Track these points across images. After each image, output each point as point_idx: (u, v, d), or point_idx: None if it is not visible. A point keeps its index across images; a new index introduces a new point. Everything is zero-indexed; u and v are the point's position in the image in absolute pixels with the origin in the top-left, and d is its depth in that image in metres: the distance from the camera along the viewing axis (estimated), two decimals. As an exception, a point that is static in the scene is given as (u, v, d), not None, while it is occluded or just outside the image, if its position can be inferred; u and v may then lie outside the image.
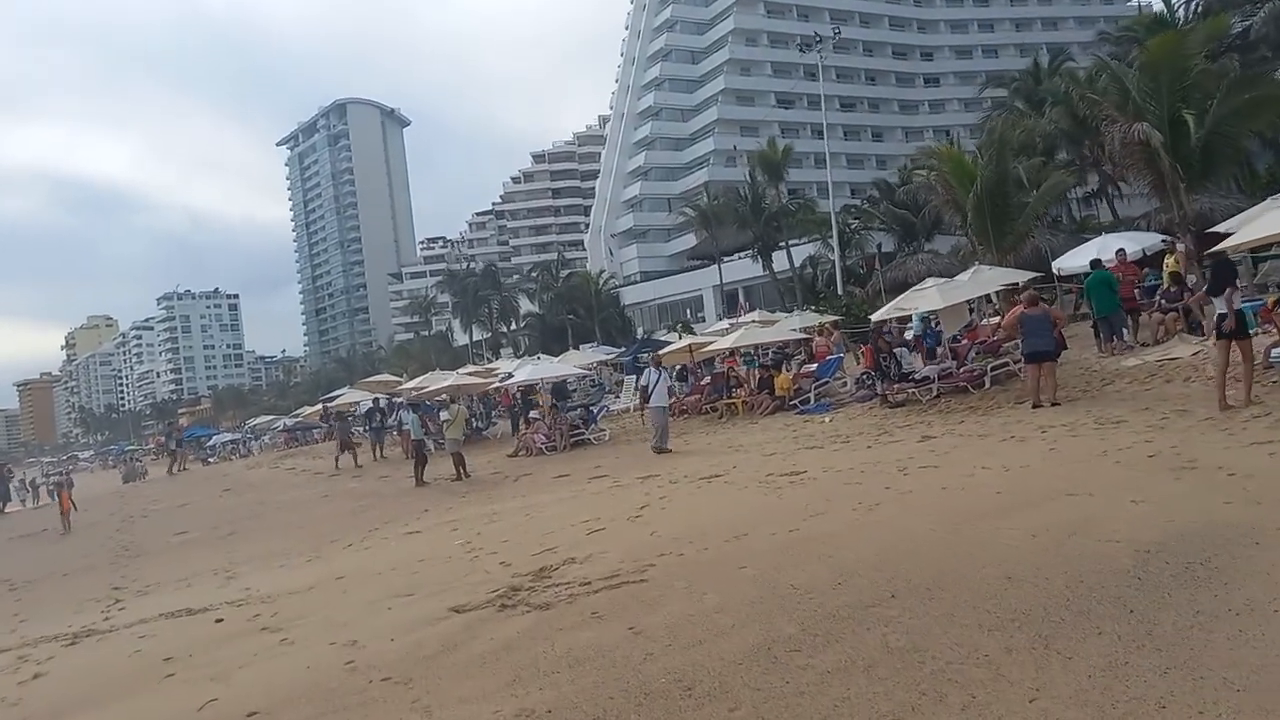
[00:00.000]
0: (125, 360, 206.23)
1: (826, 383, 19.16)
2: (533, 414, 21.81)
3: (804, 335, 23.07)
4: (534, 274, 68.56)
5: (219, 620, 8.22)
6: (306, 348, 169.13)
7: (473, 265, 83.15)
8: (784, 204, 45.22)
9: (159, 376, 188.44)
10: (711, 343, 23.15)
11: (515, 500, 13.26)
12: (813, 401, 18.14)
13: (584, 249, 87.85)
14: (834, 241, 38.33)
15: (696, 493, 11.02)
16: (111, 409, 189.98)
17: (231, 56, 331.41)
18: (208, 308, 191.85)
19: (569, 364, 27.36)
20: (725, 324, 30.44)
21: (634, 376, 24.90)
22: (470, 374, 27.70)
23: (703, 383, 22.28)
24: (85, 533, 19.12)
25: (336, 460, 23.54)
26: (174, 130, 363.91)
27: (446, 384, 23.98)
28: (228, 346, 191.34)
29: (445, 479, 17.78)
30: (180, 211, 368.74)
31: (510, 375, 24.05)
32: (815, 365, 20.22)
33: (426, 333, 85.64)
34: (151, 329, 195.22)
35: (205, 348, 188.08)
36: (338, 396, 34.68)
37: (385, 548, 11.17)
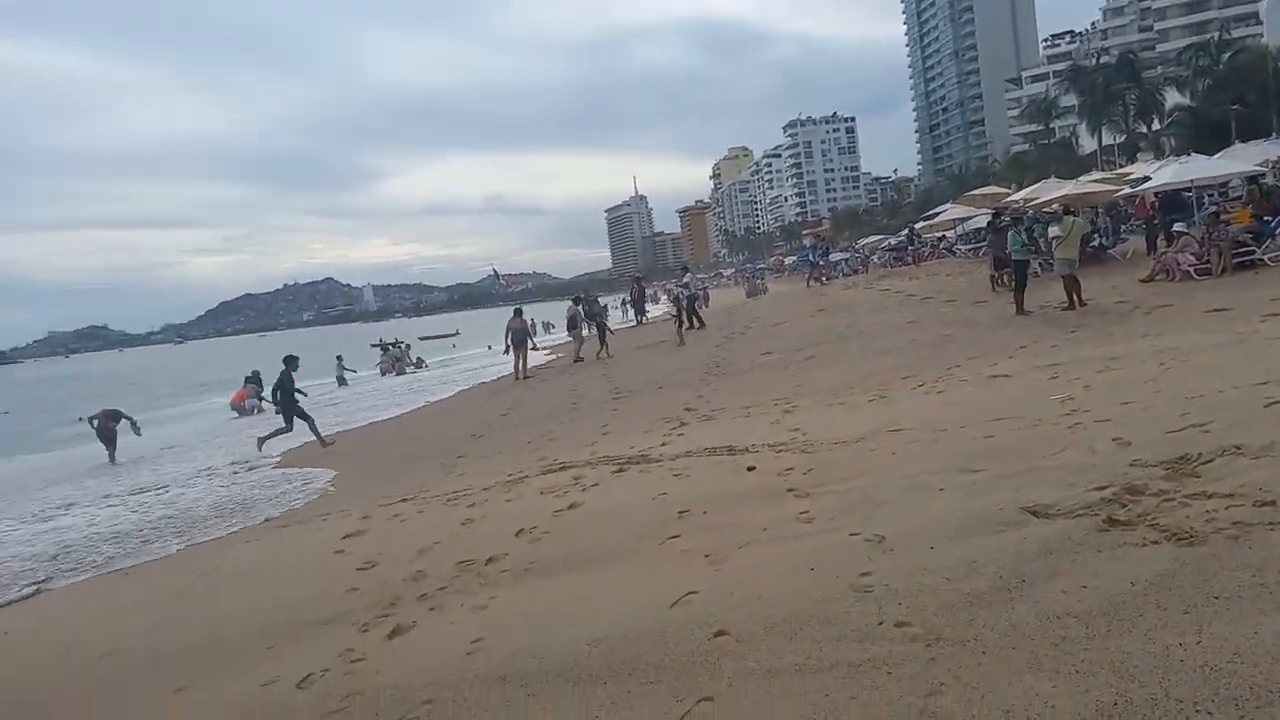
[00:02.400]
0: (759, 186, 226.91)
1: None
2: (1177, 227, 16.93)
3: None
4: (1186, 58, 55.66)
5: (750, 468, 7.11)
6: (919, 165, 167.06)
7: (1104, 59, 70.87)
8: None
9: (786, 200, 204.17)
10: None
11: (1144, 341, 9.95)
12: None
13: (1258, 21, 68.81)
14: None
15: None
16: (749, 231, 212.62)
17: None
18: (827, 133, 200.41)
19: (1233, 161, 20.89)
20: None
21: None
22: (1094, 181, 22.89)
23: None
24: (694, 347, 20.39)
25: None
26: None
27: (1061, 194, 20.03)
28: (845, 169, 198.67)
29: (1054, 307, 14.72)
30: (795, 43, 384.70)
31: (1146, 179, 19.04)
32: None
33: (1046, 141, 76.61)
34: (779, 156, 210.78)
35: (825, 171, 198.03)
36: (939, 214, 32.27)
37: (960, 393, 9.07)
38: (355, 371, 31.51)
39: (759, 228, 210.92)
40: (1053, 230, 18.11)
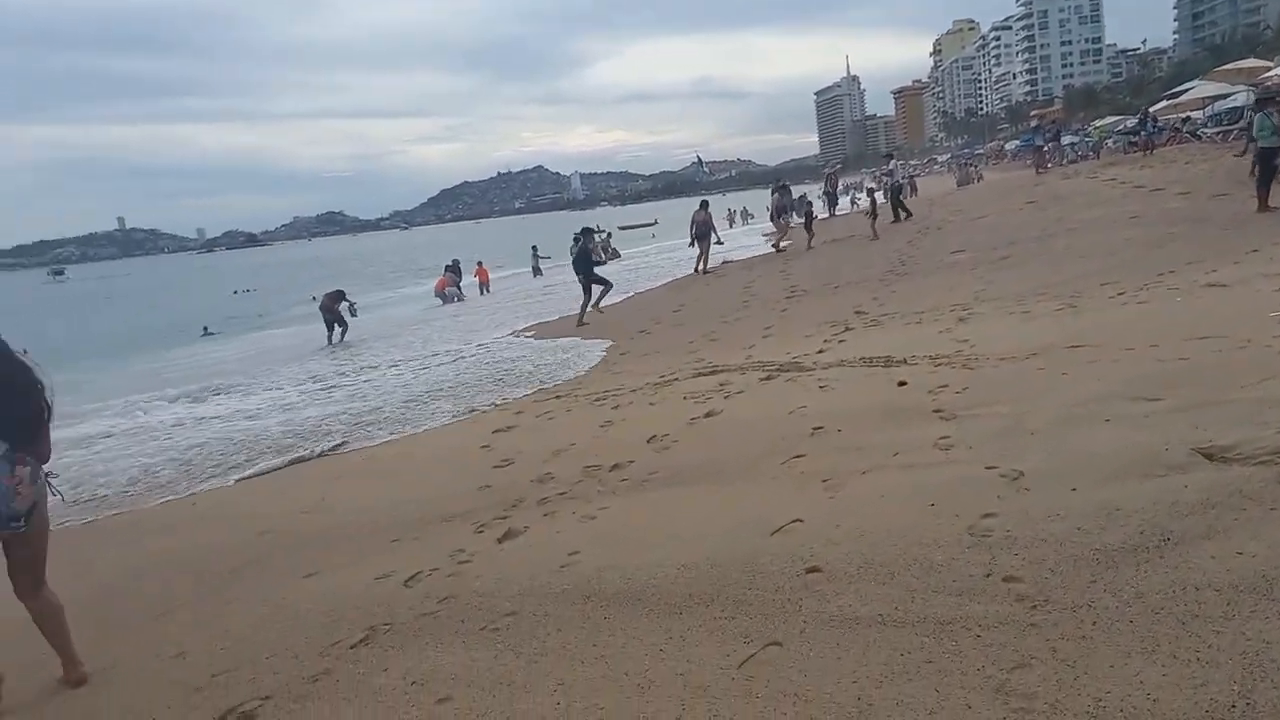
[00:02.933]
0: (984, 63, 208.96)
1: None
2: None
3: None
4: None
5: (902, 384, 6.63)
6: (1175, 35, 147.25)
7: None
8: None
9: (1014, 78, 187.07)
10: None
11: None
12: None
13: None
14: None
15: None
16: (970, 113, 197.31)
17: None
18: (1068, 1, 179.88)
19: None
20: None
21: None
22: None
23: None
24: (885, 242, 19.29)
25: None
26: None
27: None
28: (1085, 41, 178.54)
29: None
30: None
31: None
32: None
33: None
34: (1009, 28, 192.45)
35: (1062, 44, 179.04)
36: (1184, 92, 28.30)
37: (1163, 304, 8.01)
38: (549, 258, 32.10)
39: (981, 109, 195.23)
40: None
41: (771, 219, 23.57)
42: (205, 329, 27.12)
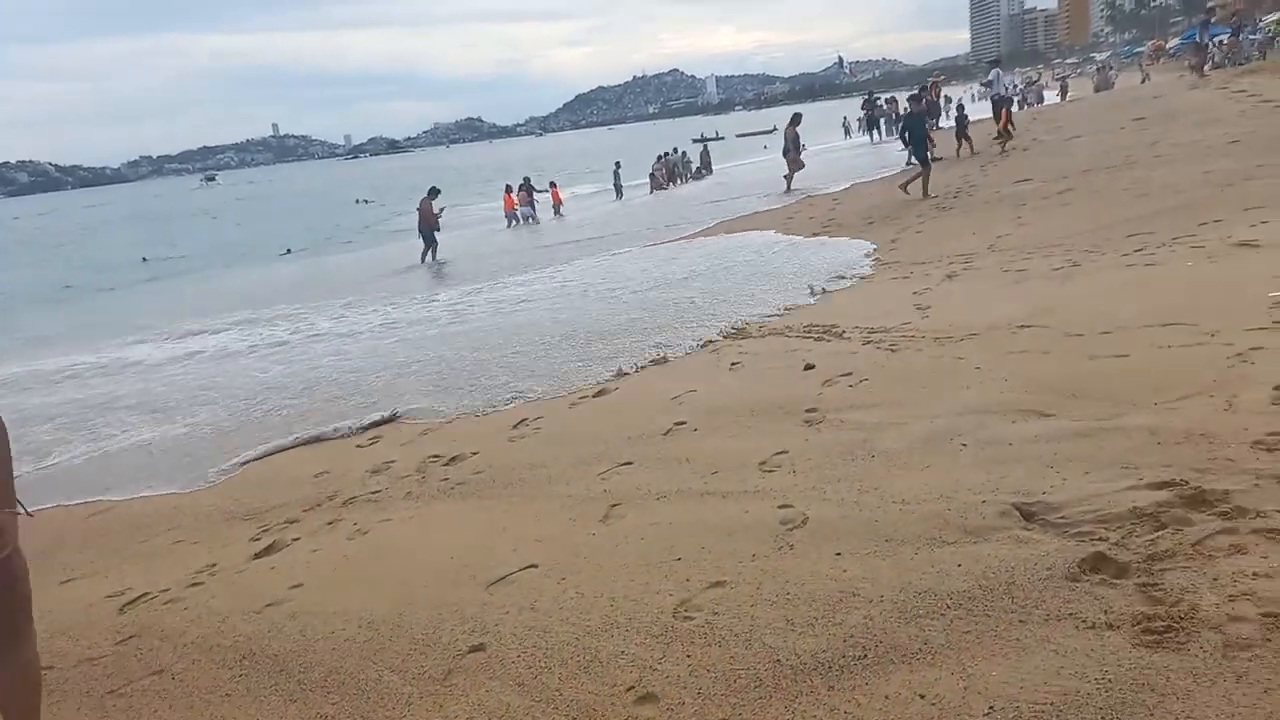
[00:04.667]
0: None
1: None
2: None
3: None
4: None
5: (809, 368, 5.81)
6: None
7: None
8: None
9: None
10: None
11: None
12: None
13: None
14: None
15: None
16: (1142, 4, 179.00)
17: None
18: None
19: None
20: None
21: None
22: None
23: None
24: (956, 166, 17.56)
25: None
26: None
27: None
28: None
29: None
30: None
31: None
32: None
33: None
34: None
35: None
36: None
37: (1167, 269, 6.72)
38: (619, 186, 30.64)
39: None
40: None
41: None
42: (288, 250, 27.82)
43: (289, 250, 28.00)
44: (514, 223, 24.87)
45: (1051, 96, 42.66)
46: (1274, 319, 4.98)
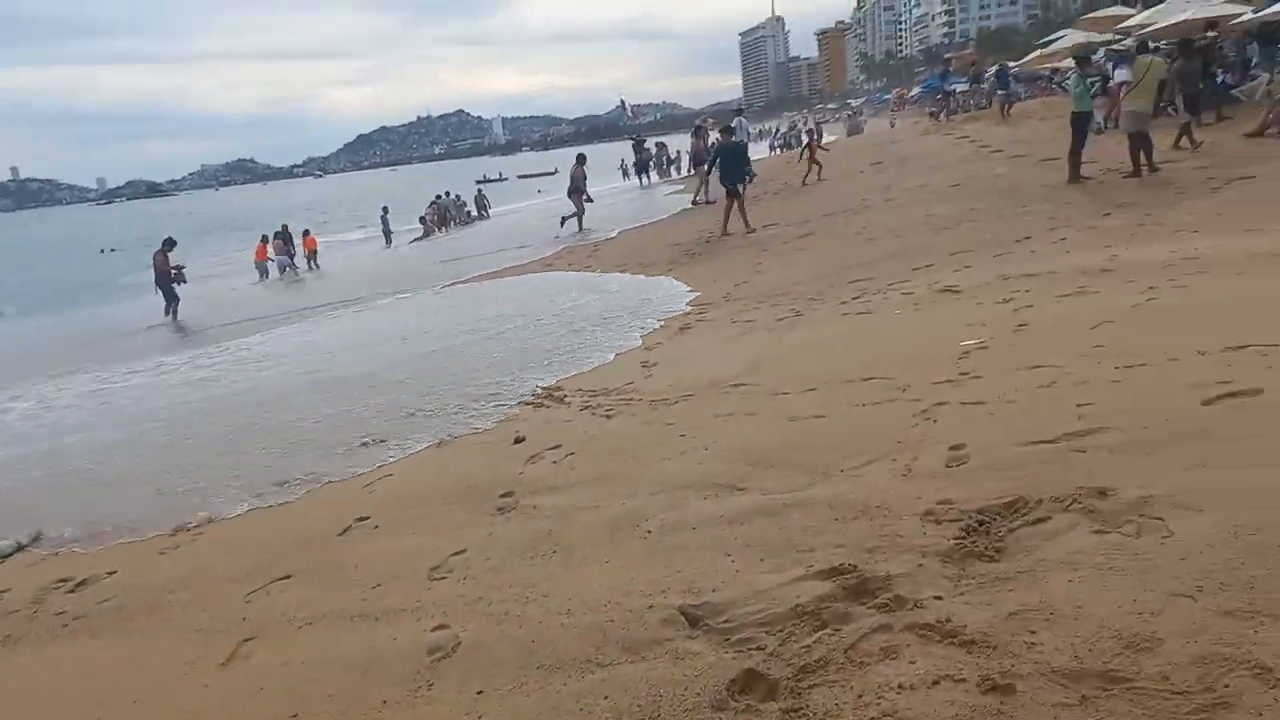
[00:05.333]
0: (905, 4, 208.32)
1: None
2: None
3: None
4: None
5: (519, 440, 5.38)
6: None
7: None
8: None
9: (933, 20, 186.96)
10: None
11: (1163, 245, 7.30)
12: None
13: None
14: None
15: None
16: (890, 55, 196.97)
17: None
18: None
19: None
20: None
21: None
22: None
23: None
24: (716, 211, 17.99)
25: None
26: None
27: (1178, 20, 15.92)
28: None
29: (1118, 171, 11.75)
30: None
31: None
32: None
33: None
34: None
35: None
36: (1055, 41, 27.46)
37: (875, 320, 6.87)
38: (388, 232, 29.24)
39: (901, 51, 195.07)
40: (1121, 74, 14.43)
41: (693, 166, 20.54)
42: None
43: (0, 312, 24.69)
44: (265, 275, 23.22)
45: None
46: (960, 370, 5.05)
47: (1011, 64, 30.67)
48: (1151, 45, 15.30)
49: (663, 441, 4.90)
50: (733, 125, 22.34)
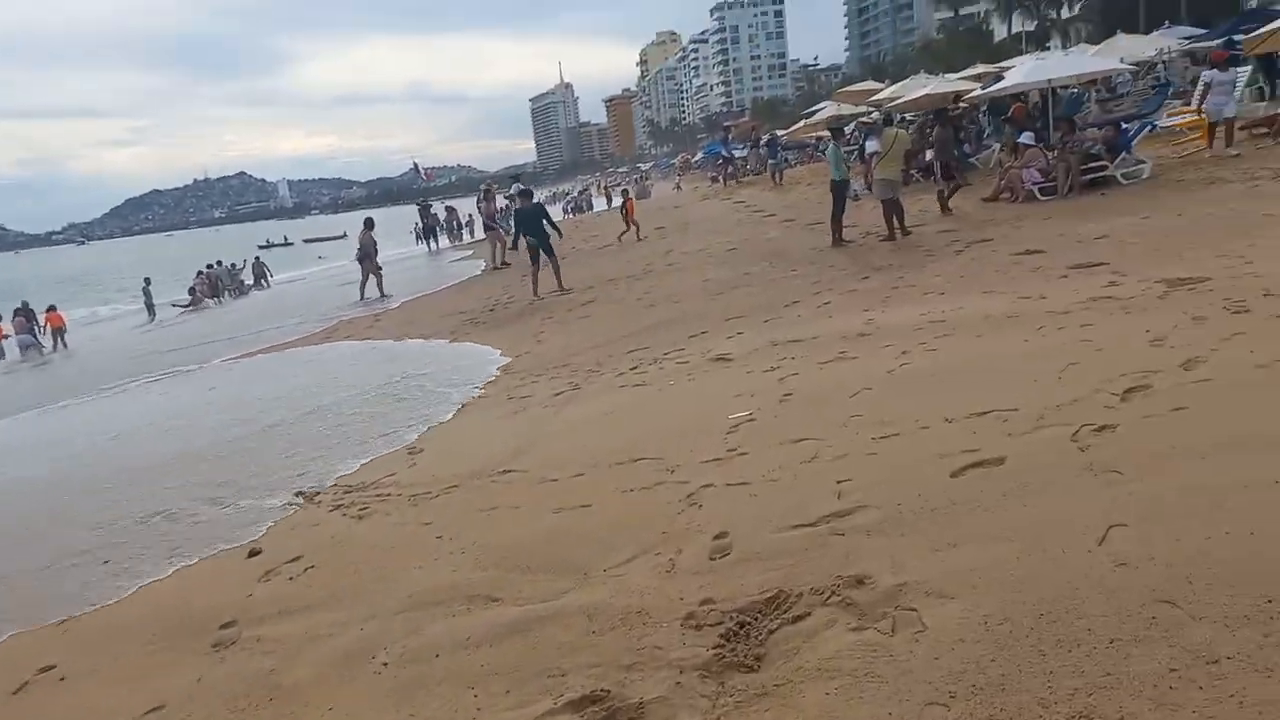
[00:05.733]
0: (685, 74, 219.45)
1: None
2: (1024, 138, 14.50)
3: None
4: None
5: (255, 552, 4.74)
6: (847, 52, 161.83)
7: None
8: None
9: (711, 89, 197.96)
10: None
11: (914, 308, 7.68)
12: None
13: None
14: None
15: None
16: (674, 122, 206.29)
17: None
18: (755, 16, 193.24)
19: (1112, 56, 18.51)
20: None
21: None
22: (963, 78, 20.22)
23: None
24: (501, 278, 17.73)
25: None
26: None
27: (923, 93, 17.49)
28: (772, 56, 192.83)
29: (876, 234, 12.50)
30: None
31: (1000, 79, 16.39)
32: None
33: (961, 28, 73.43)
34: (706, 41, 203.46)
35: (752, 58, 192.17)
36: (817, 111, 29.58)
37: (645, 393, 6.74)
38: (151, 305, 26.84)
39: (684, 118, 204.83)
40: (871, 145, 15.70)
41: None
42: None
43: None
44: (2, 356, 20.60)
45: (601, 204, 46.41)
46: (728, 447, 4.94)
47: (781, 133, 32.64)
48: (895, 118, 16.58)
49: (416, 545, 4.44)
50: (513, 191, 22.13)
